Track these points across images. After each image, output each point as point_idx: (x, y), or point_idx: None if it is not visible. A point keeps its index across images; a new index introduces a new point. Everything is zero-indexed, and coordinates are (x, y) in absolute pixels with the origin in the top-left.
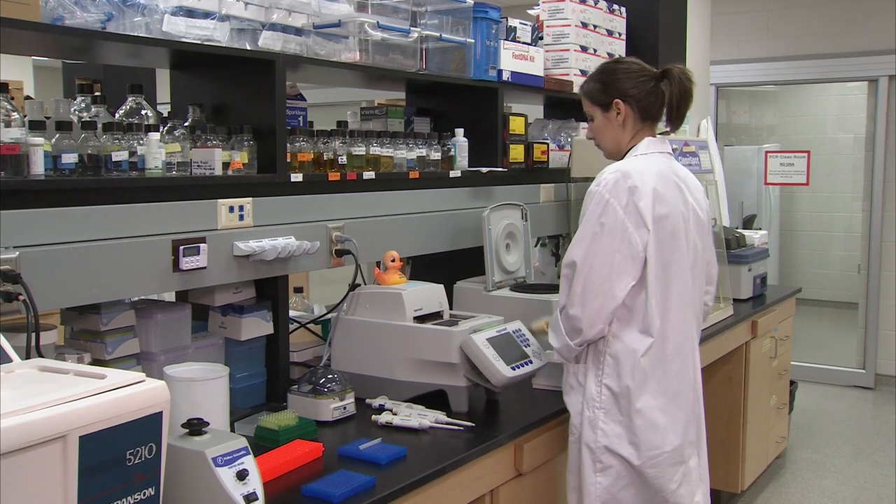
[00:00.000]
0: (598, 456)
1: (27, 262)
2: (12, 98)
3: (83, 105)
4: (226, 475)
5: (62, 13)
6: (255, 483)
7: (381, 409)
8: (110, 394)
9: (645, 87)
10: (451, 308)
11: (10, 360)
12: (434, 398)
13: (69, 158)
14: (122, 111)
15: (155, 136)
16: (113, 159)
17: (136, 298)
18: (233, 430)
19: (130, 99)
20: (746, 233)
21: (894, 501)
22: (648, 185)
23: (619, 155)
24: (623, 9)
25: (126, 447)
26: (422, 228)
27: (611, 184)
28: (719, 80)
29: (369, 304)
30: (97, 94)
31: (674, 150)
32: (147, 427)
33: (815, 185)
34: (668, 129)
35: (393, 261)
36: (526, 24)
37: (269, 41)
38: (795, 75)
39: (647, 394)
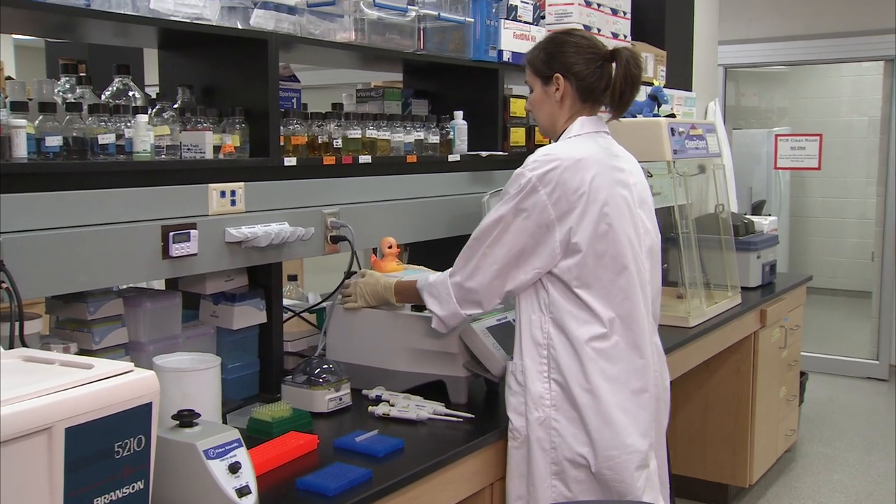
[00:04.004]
0: (553, 458)
1: (10, 249)
2: None
3: (67, 86)
4: (217, 468)
5: None
6: (247, 476)
7: (377, 400)
8: (97, 384)
9: (590, 66)
10: None
11: None
12: (432, 389)
13: (53, 141)
14: (108, 92)
15: (143, 118)
16: (99, 142)
17: (125, 286)
18: (225, 421)
19: (117, 80)
20: (755, 219)
21: None
22: (583, 172)
23: (554, 134)
24: None
25: (114, 439)
26: (419, 214)
27: (540, 167)
28: (728, 60)
29: None
30: (82, 74)
31: (680, 133)
32: (136, 418)
33: (828, 169)
34: (610, 115)
35: (390, 247)
36: (527, 3)
37: (260, 20)
38: (807, 55)
39: (600, 389)
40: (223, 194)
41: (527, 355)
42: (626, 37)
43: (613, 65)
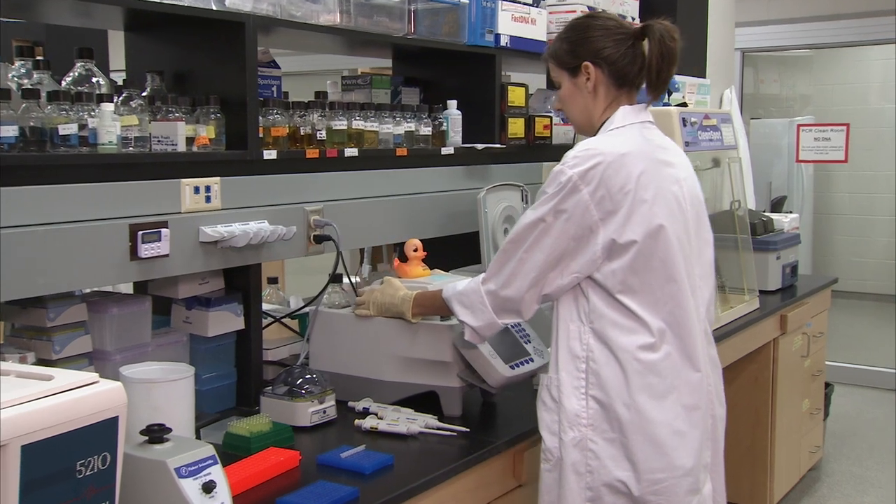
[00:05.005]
0: (588, 482)
1: None
2: None
3: (23, 70)
4: (190, 487)
5: None
6: (223, 496)
7: (365, 413)
8: (58, 397)
9: (621, 47)
10: None
11: None
12: (424, 400)
13: (8, 131)
14: (69, 78)
15: (108, 107)
16: (60, 133)
17: (89, 290)
18: (198, 437)
19: (79, 64)
20: (775, 216)
21: None
22: (628, 168)
23: (591, 130)
24: None
25: (76, 457)
26: (410, 212)
27: (581, 164)
28: (746, 44)
29: None
30: (39, 58)
31: (692, 123)
32: (100, 434)
33: (855, 162)
34: (648, 98)
35: (415, 250)
36: None
37: (237, 0)
38: (833, 37)
39: (646, 406)
40: (197, 190)
41: (563, 369)
42: (634, 19)
43: (645, 42)
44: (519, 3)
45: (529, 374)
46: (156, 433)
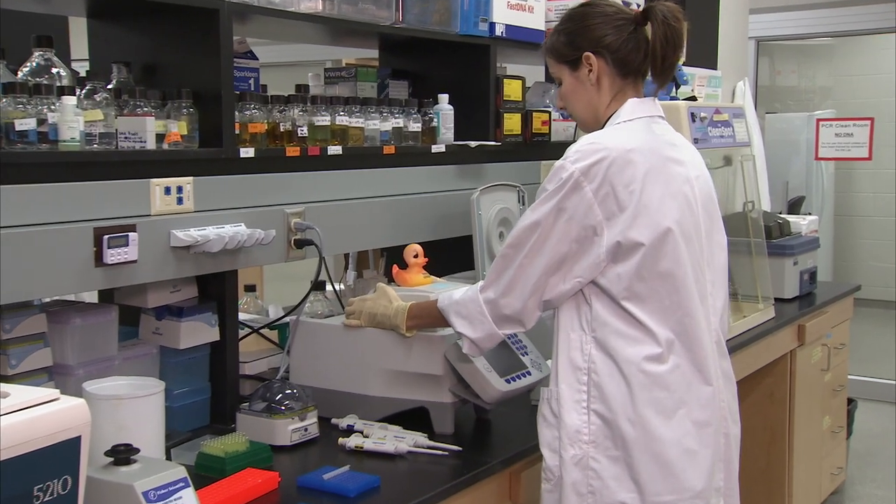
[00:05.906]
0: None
1: None
2: None
3: None
4: None
5: None
6: None
7: (349, 431)
8: (14, 416)
9: (623, 34)
10: None
11: None
12: (413, 417)
13: None
14: (26, 69)
15: (70, 100)
16: (16, 128)
17: (49, 299)
18: (169, 457)
19: (37, 54)
20: (792, 219)
21: None
22: (635, 165)
23: (597, 126)
24: None
25: (34, 481)
26: (399, 214)
27: (584, 159)
28: (760, 32)
29: None
30: None
31: (702, 118)
32: (61, 456)
33: (880, 159)
34: (653, 87)
35: (416, 256)
36: None
37: None
38: (856, 24)
39: (652, 422)
40: (168, 191)
41: (563, 381)
42: (638, 6)
43: (648, 26)
44: None
45: (527, 389)
46: (122, 454)
